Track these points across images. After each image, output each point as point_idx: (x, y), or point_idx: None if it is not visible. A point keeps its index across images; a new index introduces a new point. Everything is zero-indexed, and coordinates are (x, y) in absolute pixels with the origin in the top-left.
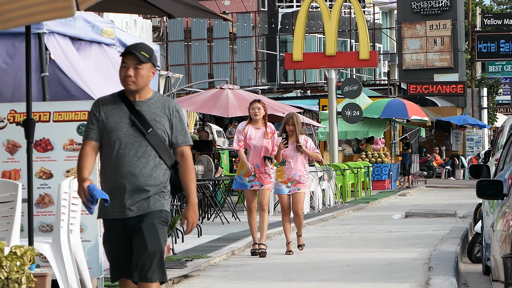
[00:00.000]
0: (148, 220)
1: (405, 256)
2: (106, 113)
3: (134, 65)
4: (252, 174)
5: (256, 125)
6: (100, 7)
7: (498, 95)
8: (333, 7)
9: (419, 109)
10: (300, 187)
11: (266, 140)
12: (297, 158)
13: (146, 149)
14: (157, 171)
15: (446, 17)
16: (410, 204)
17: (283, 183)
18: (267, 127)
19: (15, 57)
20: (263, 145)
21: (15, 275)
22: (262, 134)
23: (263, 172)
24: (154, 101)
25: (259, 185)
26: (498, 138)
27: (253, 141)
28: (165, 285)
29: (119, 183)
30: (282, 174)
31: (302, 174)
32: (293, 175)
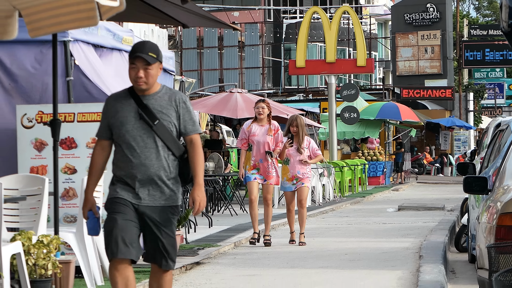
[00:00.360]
0: (164, 216)
1: (397, 246)
2: (116, 108)
3: (143, 67)
4: (256, 168)
5: (261, 123)
6: (121, 17)
7: (483, 99)
8: (333, 18)
9: (411, 111)
10: (305, 182)
11: (269, 136)
12: (300, 157)
13: (154, 140)
14: (167, 161)
15: (436, 28)
16: (403, 198)
17: (289, 180)
18: (271, 125)
19: (43, 62)
20: (265, 141)
21: (41, 262)
22: (265, 131)
23: (266, 167)
24: (162, 94)
25: (263, 180)
26: (483, 138)
27: (256, 137)
28: (178, 270)
29: (130, 173)
30: (286, 172)
31: (305, 171)
32: (296, 173)
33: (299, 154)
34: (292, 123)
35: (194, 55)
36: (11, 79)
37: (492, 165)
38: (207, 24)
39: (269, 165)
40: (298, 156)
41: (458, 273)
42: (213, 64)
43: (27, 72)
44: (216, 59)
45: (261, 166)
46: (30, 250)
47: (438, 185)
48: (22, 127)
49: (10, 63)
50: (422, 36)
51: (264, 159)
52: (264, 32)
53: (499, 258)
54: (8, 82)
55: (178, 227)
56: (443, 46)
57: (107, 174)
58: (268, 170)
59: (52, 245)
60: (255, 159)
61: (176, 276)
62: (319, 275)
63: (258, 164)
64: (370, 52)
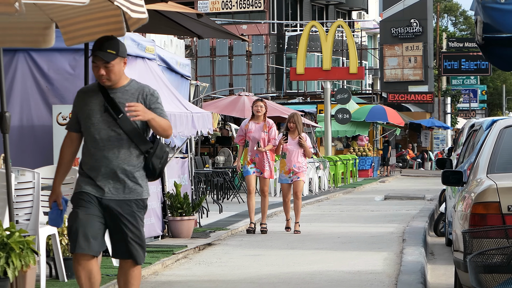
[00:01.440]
0: (128, 209)
1: (384, 230)
2: (85, 101)
3: (103, 65)
4: (253, 162)
5: (257, 120)
6: (145, 29)
7: (459, 103)
8: (329, 32)
9: (396, 113)
10: (300, 176)
11: (264, 132)
12: (297, 152)
13: (118, 133)
14: (131, 155)
15: (418, 40)
16: (388, 189)
17: (286, 173)
18: (266, 122)
19: (76, 68)
20: (261, 137)
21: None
22: (261, 128)
23: (262, 161)
24: (129, 87)
25: (259, 173)
26: (459, 137)
27: (252, 134)
28: (193, 250)
29: (94, 166)
30: (283, 165)
31: (301, 165)
32: (292, 167)
33: (299, 147)
34: (290, 120)
35: (207, 62)
36: (48, 82)
37: (467, 161)
38: (219, 36)
39: (264, 159)
40: (298, 149)
41: (436, 255)
42: (224, 70)
43: (62, 76)
44: (227, 66)
45: (257, 160)
46: (64, 231)
47: (419, 178)
48: (58, 124)
49: (47, 68)
50: (406, 47)
51: (260, 153)
52: (269, 43)
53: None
54: (45, 85)
55: (193, 212)
56: (424, 56)
57: None
58: (264, 164)
59: None
60: (251, 154)
61: (191, 255)
62: (315, 255)
63: (254, 158)
64: (361, 61)
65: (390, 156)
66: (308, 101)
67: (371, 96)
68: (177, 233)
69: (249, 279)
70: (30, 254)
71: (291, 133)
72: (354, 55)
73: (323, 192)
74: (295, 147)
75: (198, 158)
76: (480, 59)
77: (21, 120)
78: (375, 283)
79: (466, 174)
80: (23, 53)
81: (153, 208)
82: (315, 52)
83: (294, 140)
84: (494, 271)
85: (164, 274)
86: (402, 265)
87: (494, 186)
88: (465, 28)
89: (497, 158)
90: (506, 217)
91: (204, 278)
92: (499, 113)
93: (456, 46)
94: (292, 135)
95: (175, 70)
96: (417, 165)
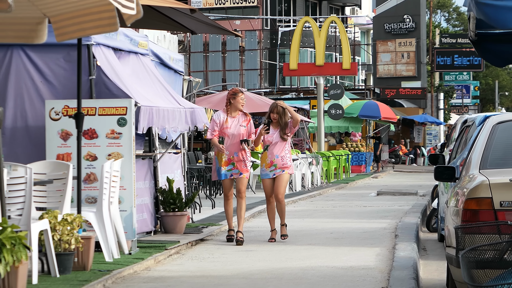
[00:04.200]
0: None
1: (376, 226)
2: None
3: None
4: (231, 163)
5: (233, 114)
6: (138, 24)
7: (452, 99)
8: (322, 27)
9: (389, 109)
10: (284, 169)
11: (242, 127)
12: (280, 143)
13: None
14: None
15: (411, 36)
16: (381, 184)
17: (267, 167)
18: (243, 115)
19: (70, 63)
20: (240, 133)
21: (66, 237)
22: (238, 122)
23: (242, 159)
24: None
25: (238, 173)
26: (452, 133)
27: (230, 130)
28: (185, 246)
29: None
30: (265, 158)
31: (284, 155)
32: (275, 158)
33: (282, 141)
34: (273, 110)
35: (200, 58)
36: (42, 77)
37: (460, 156)
38: (212, 31)
39: (244, 156)
40: (279, 141)
41: (428, 250)
42: (217, 66)
43: (56, 71)
44: (220, 62)
45: (236, 160)
46: (56, 227)
47: (412, 173)
48: (50, 119)
49: (42, 63)
50: (400, 43)
51: (239, 151)
52: (262, 38)
53: (465, 238)
54: (39, 80)
55: (185, 208)
56: (417, 52)
57: (124, 161)
58: (244, 162)
59: (75, 222)
60: (229, 152)
61: (183, 251)
62: (308, 251)
63: (233, 158)
64: (354, 57)
65: (381, 153)
66: (301, 96)
67: (364, 91)
68: (169, 228)
69: (242, 275)
70: (22, 249)
71: (273, 125)
72: (347, 50)
73: (316, 188)
74: (278, 138)
75: (191, 154)
76: (473, 55)
77: (15, 115)
78: (367, 278)
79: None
80: (17, 48)
81: (146, 204)
82: (308, 48)
83: (276, 131)
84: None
85: (156, 269)
86: (394, 261)
87: (487, 182)
88: (458, 24)
89: (490, 154)
90: (498, 213)
91: (196, 273)
92: (492, 109)
93: (449, 42)
94: (275, 126)
95: (168, 65)
96: (409, 161)
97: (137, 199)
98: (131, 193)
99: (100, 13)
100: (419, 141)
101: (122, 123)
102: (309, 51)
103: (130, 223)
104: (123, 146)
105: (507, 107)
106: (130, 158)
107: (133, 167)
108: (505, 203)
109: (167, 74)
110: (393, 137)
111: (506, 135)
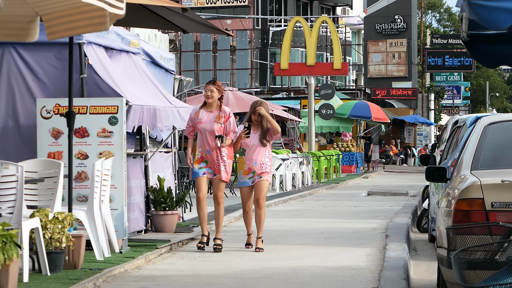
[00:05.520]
0: None
1: (367, 226)
2: None
3: None
4: (204, 161)
5: (210, 108)
6: (129, 23)
7: (443, 99)
8: (313, 27)
9: (379, 109)
10: (263, 175)
11: (217, 124)
12: (258, 148)
13: None
14: None
15: (402, 36)
16: (371, 185)
17: (245, 174)
18: (221, 111)
19: (61, 61)
20: (213, 129)
21: (57, 236)
22: (214, 118)
23: (215, 158)
24: None
25: (212, 174)
26: (443, 134)
27: (203, 125)
28: (176, 245)
29: None
30: (242, 164)
31: (263, 162)
32: (253, 164)
33: (261, 146)
34: (254, 111)
35: (191, 57)
36: (34, 75)
37: (451, 157)
38: (204, 30)
39: (218, 156)
40: (257, 144)
41: (419, 251)
42: (208, 65)
43: (47, 70)
44: (211, 61)
45: (209, 158)
46: (47, 225)
47: (402, 174)
48: (41, 118)
49: (33, 62)
50: (391, 43)
51: (213, 150)
52: (253, 38)
53: (456, 238)
54: (31, 78)
55: (176, 207)
56: (408, 52)
57: (115, 160)
58: (218, 163)
59: (66, 221)
60: (201, 150)
61: (174, 250)
62: (298, 250)
63: (206, 155)
64: (345, 57)
65: (372, 153)
66: (292, 96)
67: (354, 92)
68: (160, 227)
69: (232, 274)
70: (13, 247)
71: (254, 127)
72: (338, 50)
73: (306, 188)
74: (257, 142)
75: (181, 153)
76: (464, 56)
77: (6, 113)
78: (358, 278)
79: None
80: (8, 46)
81: (137, 202)
82: (299, 48)
83: (255, 134)
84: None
85: (147, 268)
86: (385, 261)
87: (478, 182)
88: (449, 24)
89: (481, 154)
90: (489, 214)
91: (187, 272)
92: (483, 109)
93: (440, 43)
94: (255, 128)
95: (159, 64)
96: (400, 161)
97: (128, 198)
98: (122, 192)
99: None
100: (409, 142)
101: (113, 121)
102: (300, 51)
103: (121, 222)
104: (114, 144)
105: (498, 108)
106: (121, 156)
107: (124, 165)
108: (497, 204)
109: (158, 73)
110: (383, 137)
111: (497, 136)
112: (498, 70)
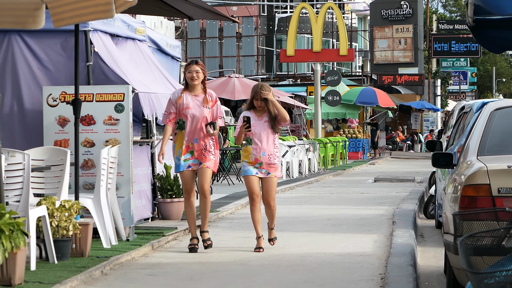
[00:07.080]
0: None
1: (373, 213)
2: None
3: None
4: (189, 151)
5: (194, 92)
6: (135, 10)
7: (449, 85)
8: (319, 13)
9: (386, 95)
10: (271, 171)
11: (206, 109)
12: (267, 135)
13: None
14: None
15: (409, 22)
16: (378, 171)
17: (250, 164)
18: (206, 94)
19: (67, 49)
20: (203, 115)
21: (63, 223)
22: (201, 102)
23: (203, 147)
24: None
25: (197, 164)
26: (449, 119)
27: (191, 110)
28: (182, 232)
29: None
30: (248, 154)
31: (272, 153)
32: (261, 155)
33: (269, 133)
34: (255, 96)
35: (197, 44)
36: (39, 63)
37: (457, 143)
38: (209, 17)
39: (206, 145)
40: (265, 132)
41: (426, 237)
42: (214, 52)
43: (53, 58)
44: (217, 48)
45: (196, 147)
46: (54, 213)
47: (409, 160)
48: (48, 106)
49: (39, 49)
50: (397, 29)
51: (201, 138)
52: (259, 24)
53: (462, 224)
54: (36, 66)
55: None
56: (414, 38)
57: (121, 148)
58: (205, 152)
59: (72, 209)
60: (188, 138)
61: (180, 237)
62: (305, 237)
63: (192, 145)
64: (351, 43)
65: (379, 139)
66: (298, 83)
67: (361, 78)
68: (167, 215)
69: (239, 261)
70: (20, 235)
71: (257, 112)
72: (344, 37)
73: (313, 174)
74: (263, 128)
75: None
76: (470, 41)
77: (12, 101)
78: (365, 265)
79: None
80: (14, 34)
81: (144, 190)
82: (305, 34)
83: (261, 120)
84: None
85: (154, 256)
86: (392, 248)
87: (485, 168)
88: (455, 10)
89: (488, 140)
90: (496, 199)
91: (194, 260)
92: (489, 95)
93: (446, 28)
94: (259, 114)
95: (165, 51)
96: (407, 147)
97: (135, 185)
98: (128, 180)
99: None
100: (416, 128)
101: (119, 109)
102: (306, 37)
103: (128, 210)
104: (121, 132)
105: (505, 93)
106: (128, 144)
107: (130, 153)
108: (503, 189)
109: (164, 60)
110: (390, 123)
111: (504, 122)
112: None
